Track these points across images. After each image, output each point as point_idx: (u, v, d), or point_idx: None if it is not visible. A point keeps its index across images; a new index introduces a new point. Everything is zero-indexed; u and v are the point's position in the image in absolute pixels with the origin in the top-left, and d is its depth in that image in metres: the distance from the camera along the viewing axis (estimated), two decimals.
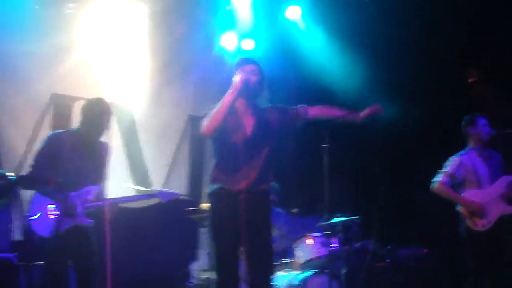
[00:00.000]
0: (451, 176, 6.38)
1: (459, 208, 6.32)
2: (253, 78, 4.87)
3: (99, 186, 5.05)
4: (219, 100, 4.80)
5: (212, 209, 4.81)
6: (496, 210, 6.15)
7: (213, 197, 4.79)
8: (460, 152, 6.48)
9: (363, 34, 8.85)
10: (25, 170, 5.32)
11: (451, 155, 6.53)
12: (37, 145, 5.37)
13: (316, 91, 8.55)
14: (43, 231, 4.78)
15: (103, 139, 5.32)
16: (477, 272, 6.15)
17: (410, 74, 8.87)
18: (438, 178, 6.43)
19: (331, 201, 6.04)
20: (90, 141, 5.16)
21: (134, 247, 7.62)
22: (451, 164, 6.45)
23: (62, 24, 8.05)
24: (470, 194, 6.29)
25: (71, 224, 4.86)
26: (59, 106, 8.08)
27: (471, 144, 6.47)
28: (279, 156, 5.01)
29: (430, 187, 6.46)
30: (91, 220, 5.02)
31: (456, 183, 6.40)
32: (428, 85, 8.86)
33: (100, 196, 5.03)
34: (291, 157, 5.34)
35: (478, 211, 6.16)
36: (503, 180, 6.24)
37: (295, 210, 7.33)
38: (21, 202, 4.83)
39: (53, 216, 4.80)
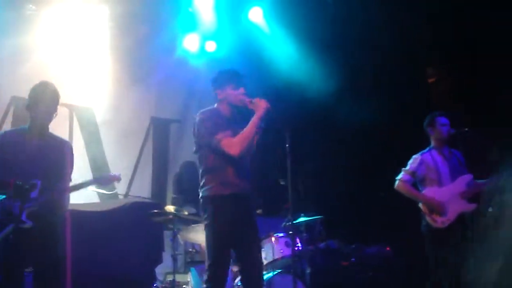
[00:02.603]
0: (412, 174, 6.51)
1: (420, 205, 6.42)
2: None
3: (40, 181, 4.83)
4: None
5: (218, 211, 5.02)
6: (456, 208, 6.26)
7: (219, 200, 5.04)
8: (422, 151, 6.58)
9: (325, 35, 8.91)
10: None
11: (415, 153, 6.62)
12: None
13: (279, 92, 8.58)
14: None
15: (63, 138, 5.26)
16: (438, 268, 6.23)
17: (372, 73, 8.96)
18: (400, 176, 6.54)
19: (294, 201, 6.06)
20: (38, 131, 5.04)
21: (97, 251, 7.54)
22: (412, 162, 6.58)
23: (23, 25, 7.97)
24: (431, 192, 6.40)
25: (7, 229, 4.67)
26: (19, 109, 7.95)
27: (432, 143, 6.58)
28: None
29: (394, 185, 6.56)
30: (31, 221, 4.79)
31: (417, 180, 6.53)
32: (391, 83, 8.95)
33: (48, 194, 4.87)
34: (254, 157, 5.34)
35: (438, 208, 6.26)
36: (464, 179, 6.35)
37: (258, 211, 7.32)
38: None
39: None
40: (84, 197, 8.03)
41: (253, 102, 5.11)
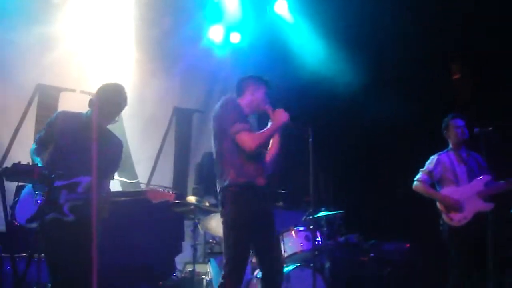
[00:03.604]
0: (429, 174, 6.53)
1: (437, 204, 6.42)
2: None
3: (90, 178, 4.60)
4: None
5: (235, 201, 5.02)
6: (473, 207, 6.24)
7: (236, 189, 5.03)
8: (440, 152, 6.58)
9: (350, 28, 8.87)
10: (12, 161, 5.21)
11: (435, 150, 6.61)
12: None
13: (303, 84, 8.58)
14: (21, 218, 4.72)
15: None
16: (462, 265, 6.21)
17: (396, 68, 8.90)
18: (417, 177, 6.57)
19: (316, 195, 6.07)
20: (100, 126, 4.86)
21: (118, 240, 7.60)
22: (429, 162, 6.60)
23: (49, 15, 8.02)
24: (447, 191, 6.40)
25: (51, 216, 4.69)
26: (44, 97, 8.04)
27: (450, 145, 6.59)
28: None
29: (412, 186, 6.57)
30: (74, 215, 4.73)
31: (435, 180, 6.53)
32: (415, 80, 8.90)
33: (92, 190, 4.55)
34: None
35: (454, 206, 6.26)
36: (482, 179, 6.33)
37: (279, 204, 7.34)
38: (5, 194, 4.73)
39: (34, 205, 4.70)
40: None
41: (274, 112, 5.11)
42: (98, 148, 4.31)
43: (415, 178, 6.59)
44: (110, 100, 4.92)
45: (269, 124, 5.16)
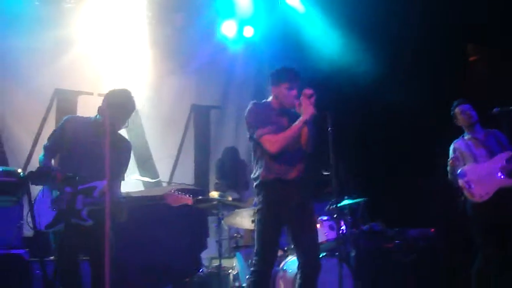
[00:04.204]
0: (452, 163, 6.43)
1: (459, 181, 6.36)
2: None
3: (106, 182, 4.59)
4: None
5: (265, 196, 5.16)
6: (495, 183, 6.17)
7: (266, 185, 5.17)
8: (455, 140, 6.54)
9: (364, 16, 8.80)
10: (33, 166, 5.28)
11: (457, 134, 6.56)
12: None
13: (317, 76, 8.54)
14: (39, 224, 4.77)
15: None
16: (486, 241, 6.17)
17: (413, 55, 8.84)
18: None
19: (338, 184, 6.05)
20: (110, 131, 4.74)
21: (142, 237, 7.65)
22: (450, 152, 6.53)
23: (62, 19, 8.10)
24: (468, 168, 6.32)
25: (70, 221, 4.74)
26: (63, 101, 8.11)
27: (465, 130, 6.55)
28: None
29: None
30: (93, 220, 4.80)
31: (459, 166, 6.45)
32: (432, 65, 8.81)
33: (107, 194, 4.58)
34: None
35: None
36: (503, 156, 6.26)
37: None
38: (31, 198, 4.78)
39: (51, 210, 4.77)
40: (130, 186, 8.19)
41: (301, 105, 5.11)
42: (110, 153, 4.44)
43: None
44: (119, 106, 4.96)
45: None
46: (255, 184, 5.23)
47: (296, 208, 5.12)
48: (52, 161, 5.08)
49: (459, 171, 6.36)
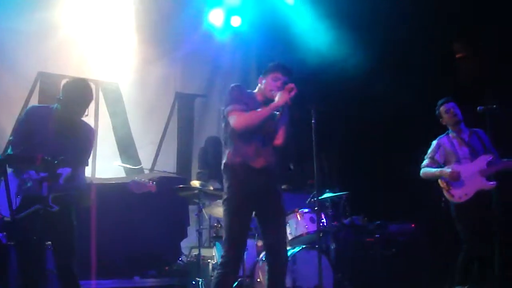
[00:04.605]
0: (432, 158, 6.53)
1: (439, 182, 6.41)
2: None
3: (70, 169, 4.83)
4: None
5: (232, 180, 5.07)
6: (475, 184, 6.23)
7: (233, 168, 5.08)
8: (440, 136, 6.57)
9: (352, 9, 8.77)
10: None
11: (441, 131, 6.59)
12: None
13: (304, 67, 8.52)
14: (5, 211, 4.74)
15: (87, 121, 5.25)
16: (469, 241, 6.21)
17: (402, 49, 8.83)
18: (423, 164, 6.57)
19: (320, 177, 6.05)
20: (70, 120, 5.01)
21: (123, 225, 7.62)
22: (431, 148, 6.60)
23: (48, 1, 7.99)
24: (449, 168, 6.37)
25: (37, 208, 4.70)
26: (46, 84, 8.02)
27: (449, 128, 6.57)
28: None
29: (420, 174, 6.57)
30: (58, 205, 4.80)
31: (438, 165, 6.48)
32: (421, 61, 8.81)
33: (71, 180, 4.86)
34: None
35: (452, 176, 6.25)
36: (485, 158, 6.30)
37: (284, 187, 7.34)
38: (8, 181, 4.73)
39: (16, 197, 4.75)
40: (111, 172, 8.15)
41: (275, 92, 5.06)
42: (70, 140, 4.87)
43: (421, 166, 6.58)
44: (75, 96, 4.98)
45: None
46: (222, 168, 5.11)
47: (262, 197, 5.01)
48: None
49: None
